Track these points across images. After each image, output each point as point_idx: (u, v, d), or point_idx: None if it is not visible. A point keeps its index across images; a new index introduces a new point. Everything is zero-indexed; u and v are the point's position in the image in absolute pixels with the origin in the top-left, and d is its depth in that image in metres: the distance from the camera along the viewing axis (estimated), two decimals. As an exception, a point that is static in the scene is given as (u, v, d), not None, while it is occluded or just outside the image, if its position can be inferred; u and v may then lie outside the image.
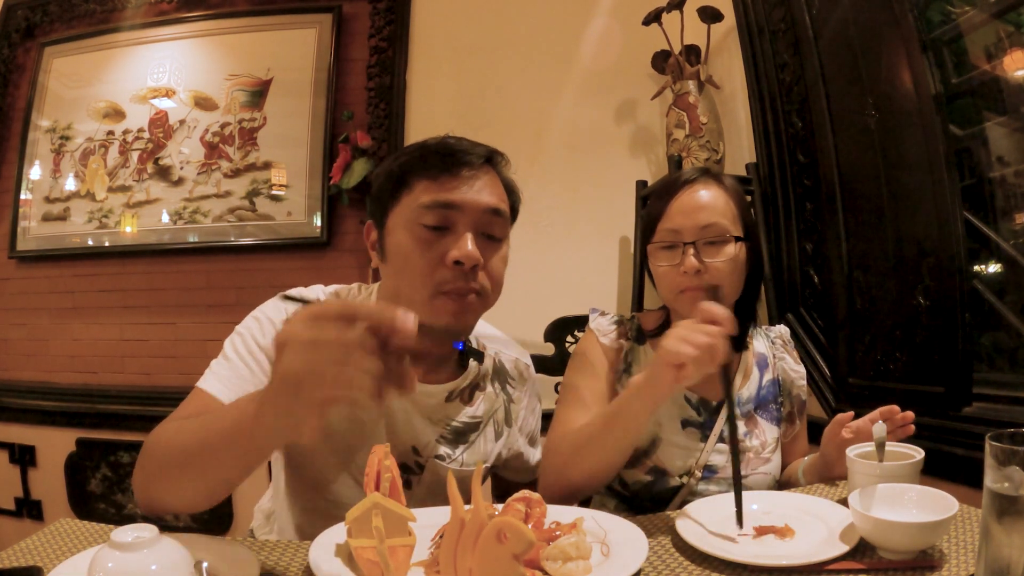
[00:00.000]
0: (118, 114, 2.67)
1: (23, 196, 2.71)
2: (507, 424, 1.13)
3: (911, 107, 1.47)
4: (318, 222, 2.46)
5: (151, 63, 2.65)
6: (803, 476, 1.16)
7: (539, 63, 2.42)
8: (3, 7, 2.82)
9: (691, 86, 2.08)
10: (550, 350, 1.58)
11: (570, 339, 1.58)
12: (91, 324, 2.63)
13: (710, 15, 2.05)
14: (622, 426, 0.96)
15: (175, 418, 0.88)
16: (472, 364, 1.08)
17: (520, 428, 1.17)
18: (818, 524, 0.88)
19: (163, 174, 2.60)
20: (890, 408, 1.01)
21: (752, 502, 0.96)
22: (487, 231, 0.97)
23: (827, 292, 1.83)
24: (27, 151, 2.72)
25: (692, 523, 0.88)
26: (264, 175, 2.52)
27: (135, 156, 2.63)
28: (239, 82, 2.57)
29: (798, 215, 1.94)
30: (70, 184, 2.68)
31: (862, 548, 0.80)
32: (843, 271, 1.71)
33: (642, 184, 2.28)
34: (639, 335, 1.22)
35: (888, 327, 1.56)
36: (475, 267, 0.94)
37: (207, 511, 0.98)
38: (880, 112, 1.56)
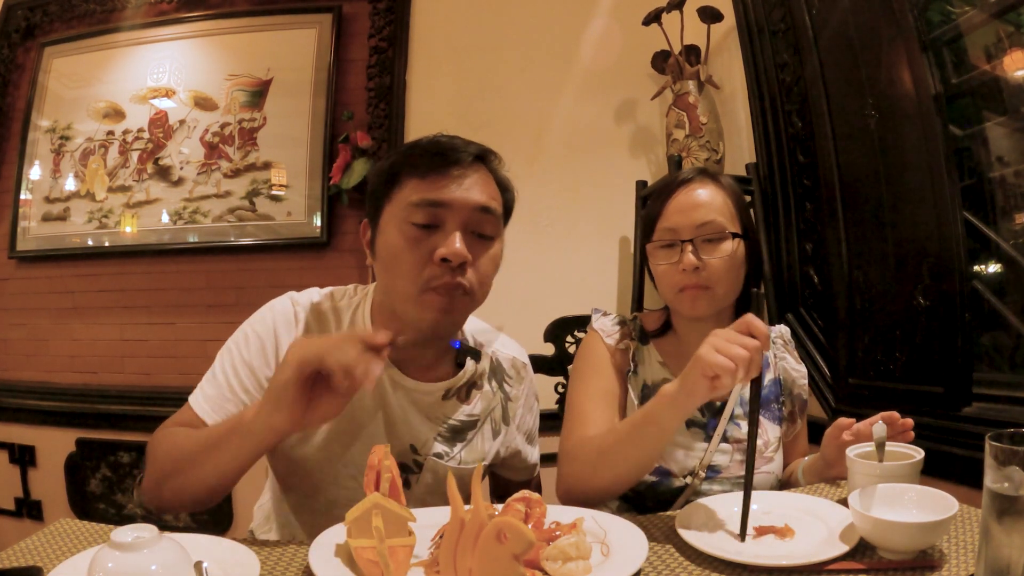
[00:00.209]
0: (118, 114, 2.66)
1: (23, 196, 2.70)
2: (505, 422, 1.14)
3: (911, 107, 1.47)
4: (318, 222, 2.46)
5: (151, 63, 2.65)
6: (803, 476, 1.16)
7: (539, 63, 2.42)
8: (3, 7, 2.81)
9: (691, 86, 2.08)
10: (550, 350, 1.57)
11: (570, 339, 1.58)
12: (91, 324, 2.63)
13: (710, 15, 2.05)
14: (653, 434, 0.96)
15: (168, 425, 0.98)
16: (469, 363, 1.08)
17: (518, 426, 1.17)
18: (818, 524, 0.88)
19: (163, 174, 2.60)
20: (891, 414, 1.01)
21: (752, 502, 0.96)
22: (477, 229, 0.97)
23: (827, 292, 1.83)
24: (27, 151, 2.72)
25: (692, 523, 0.87)
26: (264, 175, 2.52)
27: (135, 156, 2.63)
28: (239, 82, 2.57)
29: (798, 215, 1.93)
30: (70, 184, 2.68)
31: (862, 548, 0.80)
32: (843, 271, 1.71)
33: (642, 184, 2.28)
34: (642, 335, 1.23)
35: (888, 327, 1.56)
36: (463, 264, 0.94)
37: (207, 511, 0.99)
38: (880, 112, 1.56)
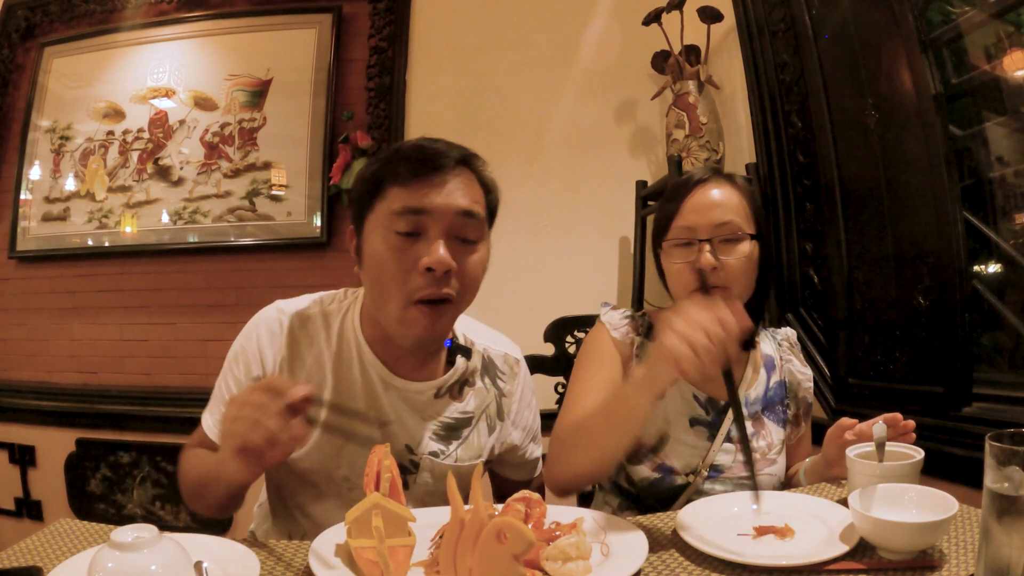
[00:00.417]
0: (118, 114, 2.66)
1: (23, 196, 2.70)
2: (500, 418, 1.14)
3: (911, 107, 1.47)
4: (318, 222, 2.46)
5: (151, 63, 2.65)
6: (804, 477, 1.16)
7: (539, 63, 2.41)
8: (3, 7, 2.81)
9: (691, 86, 2.08)
10: (550, 350, 1.57)
11: (570, 339, 1.58)
12: (91, 324, 2.63)
13: (710, 15, 2.05)
14: (622, 417, 0.94)
15: (189, 445, 1.07)
16: (460, 360, 1.09)
17: (514, 422, 1.16)
18: (818, 524, 0.88)
19: (163, 174, 2.60)
20: (893, 415, 1.01)
21: (752, 502, 0.96)
22: (460, 234, 0.96)
23: (827, 292, 1.83)
24: (27, 151, 2.71)
25: (692, 523, 0.88)
26: (264, 175, 2.51)
27: (135, 156, 2.63)
28: (239, 82, 2.57)
29: (798, 215, 1.93)
30: (70, 184, 2.68)
31: (862, 548, 0.80)
32: (843, 271, 1.71)
33: (642, 184, 2.28)
34: (649, 331, 1.23)
35: (888, 327, 1.56)
36: (448, 272, 0.94)
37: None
38: (880, 112, 1.56)
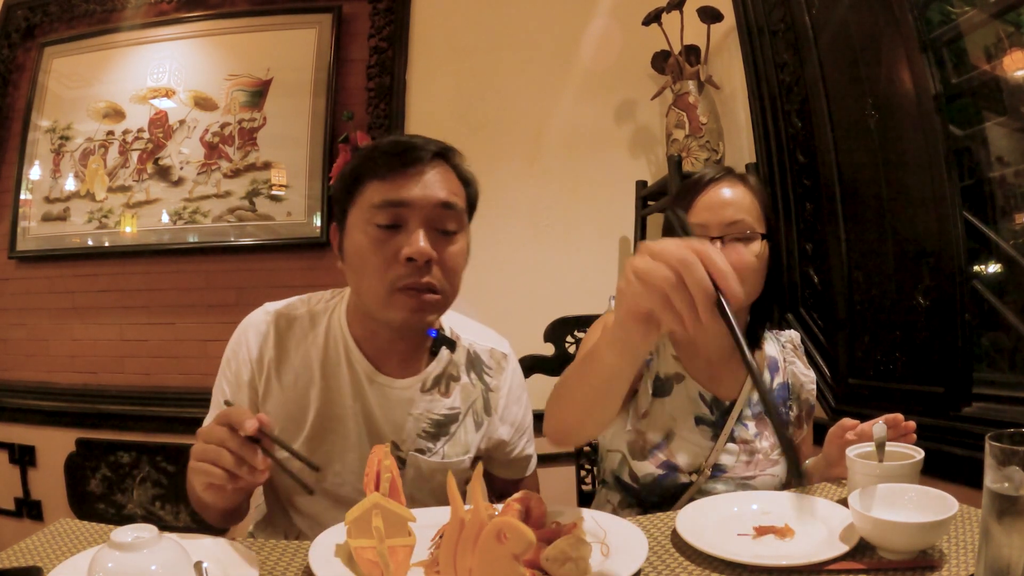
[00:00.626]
0: (118, 114, 2.66)
1: (23, 196, 2.70)
2: (487, 413, 1.13)
3: (911, 107, 1.47)
4: (318, 222, 2.46)
5: (151, 63, 2.64)
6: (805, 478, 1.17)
7: (539, 63, 2.41)
8: (3, 7, 2.81)
9: (691, 86, 2.08)
10: (550, 350, 1.57)
11: (570, 339, 1.58)
12: (91, 324, 2.63)
13: (710, 15, 2.05)
14: (593, 374, 0.81)
15: None
16: (443, 352, 1.09)
17: (501, 417, 1.15)
18: (818, 524, 0.88)
19: (163, 174, 2.59)
20: (895, 416, 1.01)
21: (752, 502, 0.96)
22: (440, 226, 0.98)
23: (827, 292, 1.83)
24: (27, 151, 2.71)
25: (692, 523, 0.88)
26: (264, 175, 2.51)
27: (135, 156, 2.62)
28: (239, 82, 2.57)
29: (798, 215, 1.93)
30: (70, 184, 2.68)
31: (862, 548, 0.80)
32: (843, 271, 1.71)
33: (642, 184, 2.28)
34: None
35: (888, 327, 1.56)
36: (429, 262, 0.95)
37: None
38: (880, 112, 1.56)
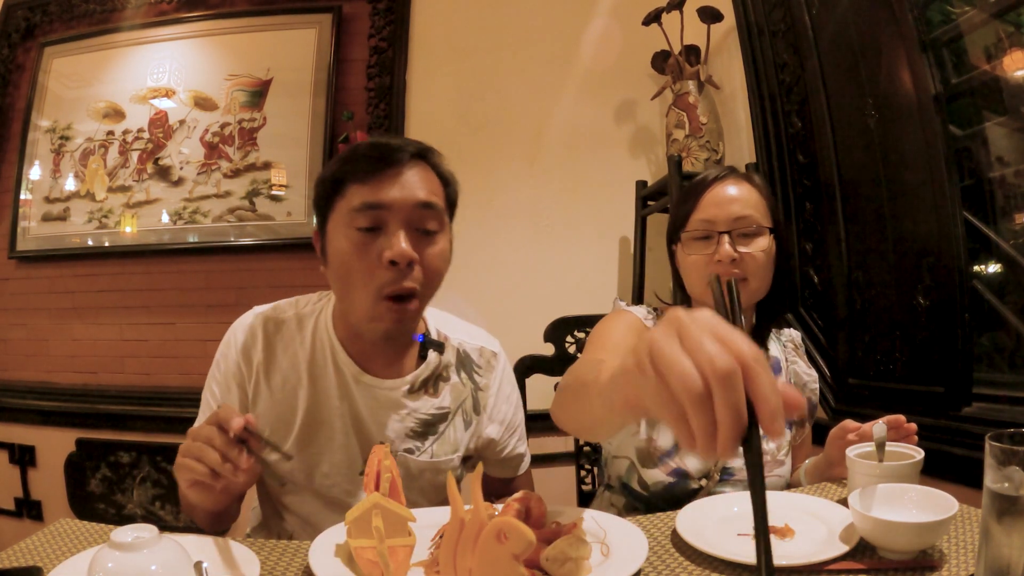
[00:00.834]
0: (118, 114, 2.66)
1: (23, 196, 2.70)
2: (476, 412, 1.13)
3: (911, 107, 1.47)
4: (318, 222, 2.46)
5: (151, 63, 2.64)
6: (805, 477, 1.16)
7: (539, 63, 2.41)
8: (3, 7, 2.81)
9: (691, 86, 2.08)
10: (550, 350, 1.57)
11: (570, 339, 1.58)
12: (91, 324, 2.63)
13: (710, 15, 2.05)
14: (588, 415, 0.73)
15: None
16: (432, 355, 1.09)
17: (491, 416, 1.14)
18: (818, 524, 0.88)
19: (163, 174, 2.59)
20: (896, 417, 1.01)
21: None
22: (420, 226, 0.98)
23: (827, 292, 1.83)
24: (27, 151, 2.71)
25: (692, 523, 0.88)
26: (264, 175, 2.51)
27: (135, 156, 2.62)
28: (239, 82, 2.57)
29: (798, 215, 1.93)
30: (70, 184, 2.68)
31: (862, 548, 0.80)
32: (843, 271, 1.71)
33: (642, 184, 2.28)
34: None
35: (888, 327, 1.56)
36: (411, 263, 0.95)
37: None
38: (880, 112, 1.56)
